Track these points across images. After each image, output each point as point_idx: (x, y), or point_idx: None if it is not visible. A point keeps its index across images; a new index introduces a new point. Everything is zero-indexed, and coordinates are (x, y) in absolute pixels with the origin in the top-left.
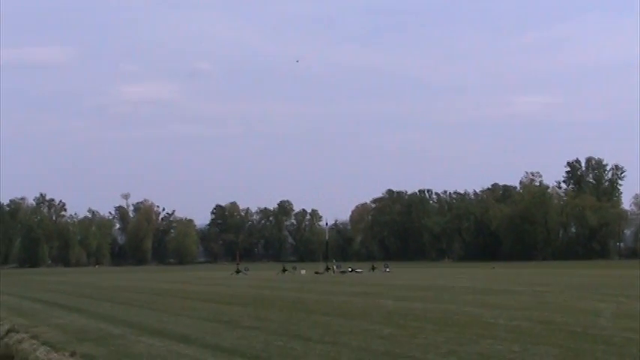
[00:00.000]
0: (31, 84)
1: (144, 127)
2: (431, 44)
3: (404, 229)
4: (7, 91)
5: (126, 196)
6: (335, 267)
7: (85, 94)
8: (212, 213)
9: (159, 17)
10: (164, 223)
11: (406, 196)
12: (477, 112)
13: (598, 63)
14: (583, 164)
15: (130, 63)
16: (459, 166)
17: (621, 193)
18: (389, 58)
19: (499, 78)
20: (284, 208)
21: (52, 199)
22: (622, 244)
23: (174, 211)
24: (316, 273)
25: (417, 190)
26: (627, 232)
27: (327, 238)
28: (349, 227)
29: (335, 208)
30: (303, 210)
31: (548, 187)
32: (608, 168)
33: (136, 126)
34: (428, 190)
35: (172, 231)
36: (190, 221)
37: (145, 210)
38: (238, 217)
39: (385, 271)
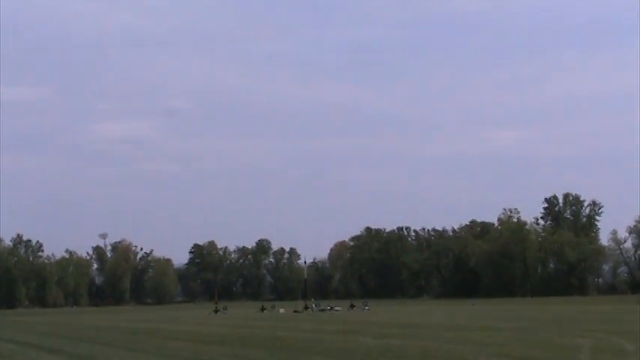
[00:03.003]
0: (5, 123)
1: (120, 165)
2: (406, 80)
3: (382, 266)
4: None
5: (103, 236)
6: (314, 305)
7: (60, 133)
8: (190, 252)
9: (133, 55)
10: (142, 262)
11: (384, 234)
12: (454, 147)
13: (574, 98)
14: (560, 200)
15: (105, 101)
16: (437, 202)
17: (599, 228)
18: (365, 94)
19: (475, 113)
20: (262, 246)
21: (29, 240)
22: (600, 280)
23: (152, 250)
24: (295, 312)
25: (395, 228)
26: (605, 267)
27: (305, 276)
28: (328, 265)
29: (313, 246)
30: (282, 248)
31: (526, 224)
32: (585, 204)
33: (112, 165)
34: (406, 228)
35: (150, 270)
36: (168, 260)
37: (122, 250)
38: (216, 255)
39: (364, 309)
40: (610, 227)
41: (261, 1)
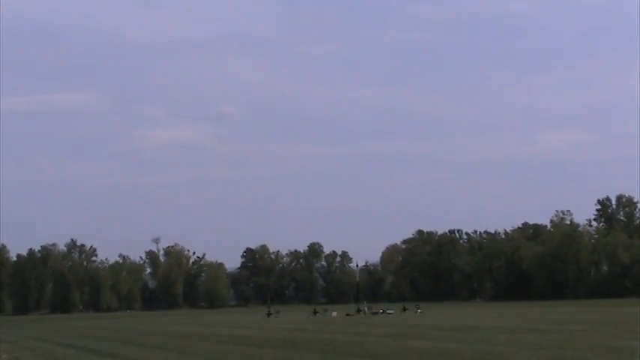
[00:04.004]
0: (59, 130)
1: (172, 170)
2: (457, 82)
3: (434, 269)
4: (37, 137)
5: (156, 241)
6: (366, 308)
7: (113, 139)
8: (242, 256)
9: (184, 61)
10: (195, 267)
11: (436, 237)
12: (505, 150)
13: (625, 99)
14: (614, 202)
15: (157, 107)
16: (489, 205)
17: None
18: (416, 97)
19: (526, 116)
20: (314, 250)
21: (83, 245)
22: None
23: (204, 254)
24: (347, 315)
25: (447, 230)
26: None
27: (357, 279)
28: (380, 268)
29: (365, 250)
30: (334, 252)
31: (578, 226)
32: (639, 205)
33: (164, 170)
34: (458, 230)
35: (203, 275)
36: (221, 265)
37: (175, 254)
38: (269, 259)
39: (417, 311)
40: None
41: (309, 5)
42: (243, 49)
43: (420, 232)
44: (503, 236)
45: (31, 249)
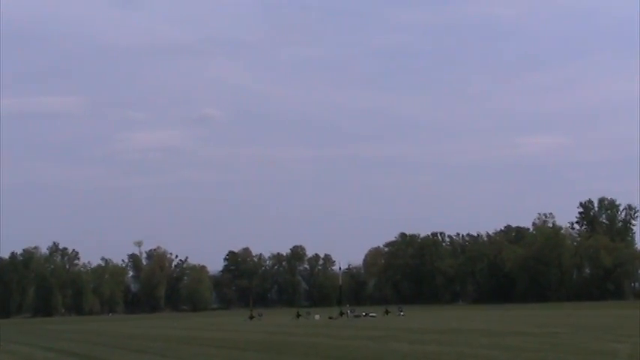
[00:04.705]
0: (41, 132)
1: (154, 174)
2: (439, 86)
3: (417, 272)
4: (17, 140)
5: (139, 244)
6: (349, 311)
7: (94, 142)
8: (225, 259)
9: (166, 64)
10: (177, 270)
11: (419, 239)
12: (488, 153)
13: (607, 102)
14: (596, 205)
15: (139, 110)
16: (471, 208)
17: (635, 233)
18: (398, 100)
19: (509, 119)
20: (297, 253)
21: (65, 248)
22: (637, 285)
23: (187, 257)
24: (330, 318)
25: (429, 233)
26: None
27: (340, 282)
28: (362, 271)
29: (348, 253)
30: (316, 255)
31: (561, 228)
32: (621, 208)
33: (146, 173)
34: (441, 233)
35: (185, 278)
36: (203, 267)
37: (157, 257)
38: (251, 262)
39: (399, 314)
40: None
41: (293, 8)
42: (226, 52)
43: (402, 235)
44: (485, 239)
45: (13, 252)
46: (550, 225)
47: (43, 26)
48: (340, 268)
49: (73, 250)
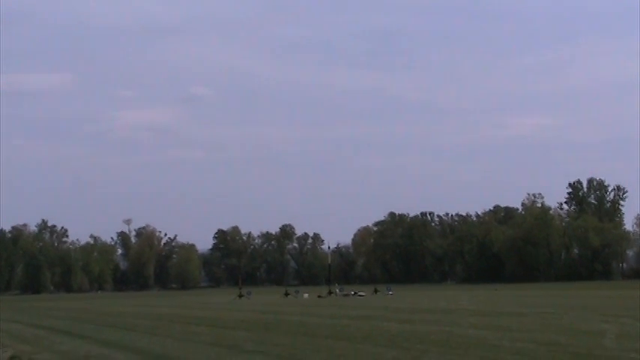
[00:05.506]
0: (29, 110)
1: (144, 152)
2: (428, 66)
3: (406, 251)
4: (6, 117)
5: (128, 222)
6: (338, 290)
7: (84, 120)
8: (214, 238)
9: (155, 43)
10: (166, 248)
11: (408, 219)
12: (478, 134)
13: (598, 83)
14: (585, 185)
15: (128, 89)
16: (461, 188)
17: (623, 213)
18: (388, 80)
19: (499, 100)
20: (286, 232)
21: (54, 226)
22: (624, 265)
23: (176, 236)
24: (319, 297)
25: (418, 213)
26: (630, 252)
27: (329, 261)
28: (351, 250)
29: (337, 232)
30: (306, 234)
31: (550, 209)
32: (609, 189)
33: (135, 151)
34: (430, 213)
35: (174, 256)
36: (192, 246)
37: (147, 235)
38: (240, 241)
39: (388, 294)
40: (634, 212)
41: None
42: (215, 31)
43: (391, 214)
44: (474, 219)
45: (1, 229)
46: (539, 205)
47: (31, 4)
48: (329, 248)
49: (62, 227)
